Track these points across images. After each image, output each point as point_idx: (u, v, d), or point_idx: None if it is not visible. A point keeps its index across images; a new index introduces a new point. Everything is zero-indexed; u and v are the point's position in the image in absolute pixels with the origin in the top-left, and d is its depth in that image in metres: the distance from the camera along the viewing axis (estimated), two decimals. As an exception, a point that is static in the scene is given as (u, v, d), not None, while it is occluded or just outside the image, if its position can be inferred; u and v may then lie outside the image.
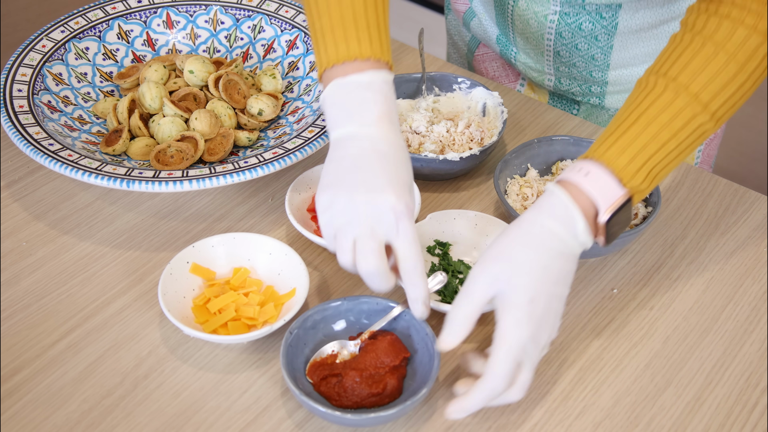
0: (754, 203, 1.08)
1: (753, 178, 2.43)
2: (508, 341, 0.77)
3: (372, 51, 0.85)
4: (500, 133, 1.07)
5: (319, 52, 0.87)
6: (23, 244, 1.01)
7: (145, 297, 0.95)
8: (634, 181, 0.81)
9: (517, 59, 1.26)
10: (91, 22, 1.20)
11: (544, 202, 0.81)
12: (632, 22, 1.12)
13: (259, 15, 1.24)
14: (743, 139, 2.45)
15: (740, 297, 0.96)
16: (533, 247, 0.79)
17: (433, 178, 1.09)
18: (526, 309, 0.77)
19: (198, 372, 0.88)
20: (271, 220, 1.05)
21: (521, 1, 1.16)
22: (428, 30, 2.38)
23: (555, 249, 0.79)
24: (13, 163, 1.11)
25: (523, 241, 0.79)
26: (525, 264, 0.78)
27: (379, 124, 0.83)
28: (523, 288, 0.77)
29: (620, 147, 0.81)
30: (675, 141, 0.82)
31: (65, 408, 0.84)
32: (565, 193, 0.80)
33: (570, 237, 0.79)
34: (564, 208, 0.79)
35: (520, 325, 0.77)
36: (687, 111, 0.81)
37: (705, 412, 0.85)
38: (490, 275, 0.79)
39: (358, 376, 0.82)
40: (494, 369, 0.77)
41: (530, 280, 0.78)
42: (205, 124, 1.08)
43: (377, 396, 0.82)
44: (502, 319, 0.77)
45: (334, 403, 0.82)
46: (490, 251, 0.80)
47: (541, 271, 0.78)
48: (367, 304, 0.87)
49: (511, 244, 0.79)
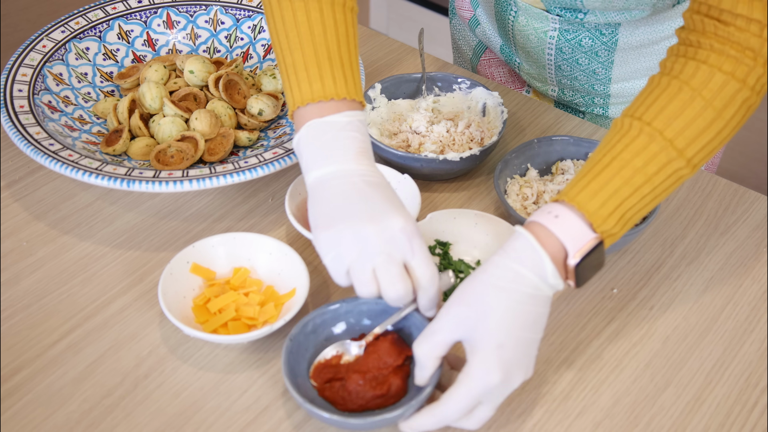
0: (754, 203, 1.08)
1: (753, 178, 2.43)
2: (472, 382, 0.76)
3: (347, 91, 0.84)
4: (500, 133, 1.07)
5: (291, 89, 0.85)
6: (23, 244, 1.01)
7: (145, 297, 0.95)
8: (605, 225, 0.79)
9: (521, 69, 1.26)
10: (92, 22, 1.20)
11: (510, 245, 0.79)
12: (632, 39, 1.12)
13: (259, 15, 1.24)
14: (743, 139, 2.45)
15: (740, 297, 0.96)
16: (501, 291, 0.77)
17: (433, 178, 1.09)
18: (495, 354, 0.75)
19: (198, 372, 0.88)
20: (271, 220, 1.05)
21: (521, 17, 1.15)
22: (428, 30, 2.39)
23: (524, 293, 0.77)
24: (13, 163, 1.11)
25: (490, 284, 0.77)
26: (492, 308, 0.76)
27: (359, 161, 0.83)
28: (489, 333, 0.76)
29: (592, 191, 0.79)
30: (649, 186, 0.80)
31: (65, 408, 0.84)
32: (532, 236, 0.78)
33: (539, 280, 0.77)
34: (531, 251, 0.77)
35: (489, 370, 0.75)
36: (662, 156, 0.79)
37: (705, 412, 0.85)
38: (456, 318, 0.77)
39: (362, 379, 0.82)
40: (449, 402, 0.76)
41: (498, 325, 0.76)
42: (205, 124, 1.08)
43: (382, 397, 0.81)
44: (470, 361, 0.76)
45: (339, 407, 0.81)
46: (457, 293, 0.78)
47: (509, 316, 0.76)
48: (366, 305, 0.87)
49: (478, 288, 0.77)
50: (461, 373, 0.77)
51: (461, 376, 0.76)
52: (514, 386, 0.78)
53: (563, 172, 1.05)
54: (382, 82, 1.15)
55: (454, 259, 0.98)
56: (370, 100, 1.14)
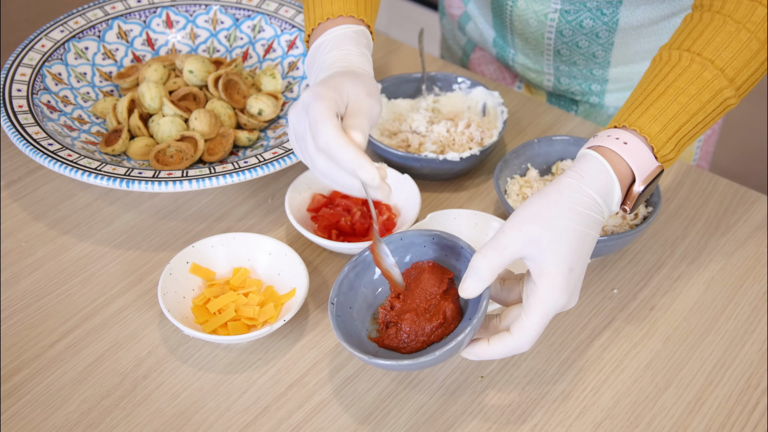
0: (755, 203, 1.07)
1: (753, 178, 2.43)
2: (545, 307, 0.75)
3: (357, 12, 0.89)
4: (500, 133, 1.07)
5: (308, 13, 0.91)
6: (23, 244, 1.00)
7: (144, 297, 0.95)
8: (664, 150, 0.81)
9: (515, 61, 1.26)
10: (91, 21, 1.20)
11: (583, 168, 0.79)
12: (633, 18, 1.12)
13: (258, 15, 1.24)
14: (743, 139, 2.45)
15: (741, 297, 0.96)
16: (576, 214, 0.76)
17: (433, 178, 1.09)
18: (566, 278, 0.75)
19: (198, 372, 0.87)
20: (271, 220, 1.05)
21: (521, 2, 1.16)
22: (428, 30, 2.38)
23: (592, 218, 0.77)
24: (12, 163, 1.11)
25: (566, 207, 0.77)
26: (565, 231, 0.76)
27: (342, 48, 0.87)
28: (564, 257, 0.75)
29: (651, 116, 0.81)
30: (702, 113, 0.83)
31: (65, 408, 0.84)
32: (606, 161, 0.79)
33: (604, 205, 0.78)
34: (606, 176, 0.78)
35: (560, 293, 0.75)
36: (715, 84, 0.83)
37: (705, 412, 0.85)
38: (527, 236, 0.76)
39: (415, 316, 0.80)
40: (526, 331, 0.76)
41: (570, 248, 0.76)
42: (205, 124, 1.08)
43: (441, 326, 0.80)
44: (540, 284, 0.75)
45: (404, 351, 0.79)
46: (527, 210, 0.77)
47: (579, 240, 0.76)
48: (392, 243, 0.84)
49: (553, 209, 0.76)
50: (531, 301, 0.76)
51: (532, 303, 0.76)
52: (567, 308, 0.78)
53: (563, 172, 1.05)
54: (382, 82, 1.15)
55: (454, 259, 0.97)
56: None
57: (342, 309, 0.82)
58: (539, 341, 0.90)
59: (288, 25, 1.22)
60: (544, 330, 0.79)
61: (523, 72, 1.27)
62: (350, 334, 0.81)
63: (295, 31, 1.21)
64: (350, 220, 0.99)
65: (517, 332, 0.76)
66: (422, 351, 0.80)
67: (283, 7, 1.24)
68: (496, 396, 0.86)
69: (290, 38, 1.21)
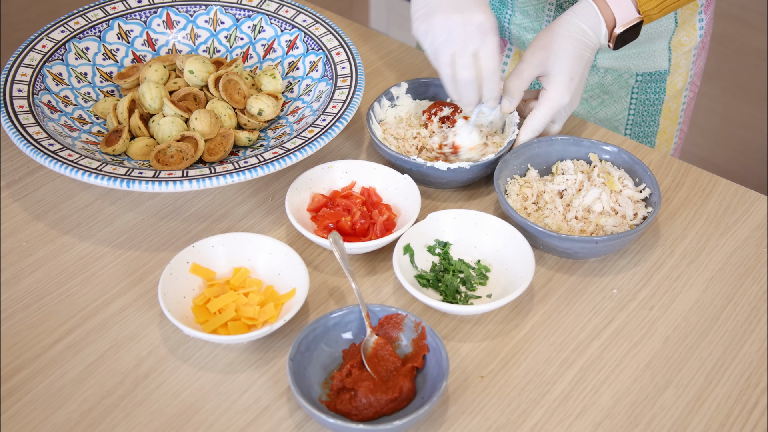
0: (754, 203, 1.08)
1: (753, 178, 2.43)
2: (552, 102, 1.04)
3: None
4: (501, 152, 1.05)
5: None
6: (23, 244, 1.01)
7: (145, 297, 0.95)
8: (647, 6, 1.04)
9: (511, 22, 1.26)
10: (91, 22, 1.20)
11: (578, 9, 1.04)
12: None
13: (259, 15, 1.24)
14: (743, 139, 2.45)
15: (740, 297, 0.96)
16: (572, 40, 1.03)
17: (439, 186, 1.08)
18: (567, 83, 1.04)
19: (198, 372, 0.88)
20: (271, 220, 1.05)
21: None
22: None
23: (585, 43, 1.04)
24: (13, 163, 1.11)
25: (563, 35, 1.04)
26: (566, 52, 1.03)
27: None
28: (564, 69, 1.04)
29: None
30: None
31: (65, 408, 0.84)
32: (596, 5, 1.04)
33: (594, 37, 1.04)
34: (594, 15, 1.04)
35: (564, 94, 1.04)
36: None
37: (705, 412, 0.85)
38: (538, 59, 1.04)
39: (373, 386, 0.82)
40: (536, 116, 1.05)
41: (569, 64, 1.03)
42: (205, 124, 1.08)
43: (395, 401, 0.82)
44: (548, 89, 1.04)
45: (354, 418, 0.81)
46: (537, 42, 1.05)
47: (577, 58, 1.04)
48: (353, 314, 0.88)
49: (556, 38, 1.04)
50: (541, 98, 1.05)
51: (542, 99, 1.05)
52: (573, 108, 1.07)
53: (563, 172, 1.05)
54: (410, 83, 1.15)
55: (454, 259, 0.97)
56: (393, 97, 1.14)
57: (299, 367, 0.84)
58: (540, 341, 0.91)
59: (288, 25, 1.22)
60: (559, 126, 1.09)
61: (518, 33, 1.27)
62: (305, 392, 0.82)
63: (296, 31, 1.21)
64: (350, 220, 0.99)
65: (531, 116, 1.06)
66: (378, 420, 0.81)
67: (283, 7, 1.24)
68: (496, 396, 0.86)
69: (290, 38, 1.21)
